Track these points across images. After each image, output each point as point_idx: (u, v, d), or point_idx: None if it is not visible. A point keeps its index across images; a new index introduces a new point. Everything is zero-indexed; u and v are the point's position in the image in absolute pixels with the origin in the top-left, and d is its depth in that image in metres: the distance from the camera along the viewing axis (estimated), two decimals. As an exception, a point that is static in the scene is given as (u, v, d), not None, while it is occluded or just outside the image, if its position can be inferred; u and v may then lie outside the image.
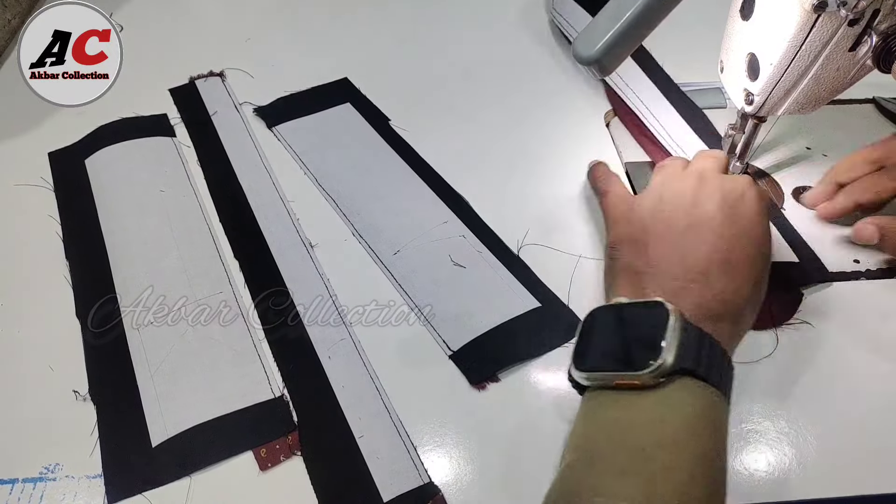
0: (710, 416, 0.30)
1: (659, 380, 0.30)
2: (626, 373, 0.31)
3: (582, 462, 0.30)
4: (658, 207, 0.39)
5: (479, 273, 0.46)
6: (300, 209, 0.52)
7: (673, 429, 0.30)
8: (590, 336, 0.34)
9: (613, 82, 0.59)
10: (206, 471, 0.37)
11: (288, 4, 0.75)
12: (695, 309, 0.34)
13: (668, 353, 0.30)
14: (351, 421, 0.39)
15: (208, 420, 0.39)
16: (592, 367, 0.33)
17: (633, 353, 0.31)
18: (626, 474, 0.28)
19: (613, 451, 0.30)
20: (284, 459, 0.38)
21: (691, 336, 0.31)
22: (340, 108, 0.61)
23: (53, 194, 0.53)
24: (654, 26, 0.40)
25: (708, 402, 0.31)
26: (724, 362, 0.32)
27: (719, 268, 0.35)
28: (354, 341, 0.43)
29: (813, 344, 0.42)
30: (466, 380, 0.41)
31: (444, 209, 0.51)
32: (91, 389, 0.41)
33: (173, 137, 0.58)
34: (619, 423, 0.31)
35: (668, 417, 0.30)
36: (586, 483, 0.29)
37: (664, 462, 0.28)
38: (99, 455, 0.38)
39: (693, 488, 0.28)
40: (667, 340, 0.31)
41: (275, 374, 0.42)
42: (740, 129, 0.49)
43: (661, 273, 0.36)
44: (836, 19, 0.38)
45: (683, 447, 0.29)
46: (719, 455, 0.30)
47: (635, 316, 0.33)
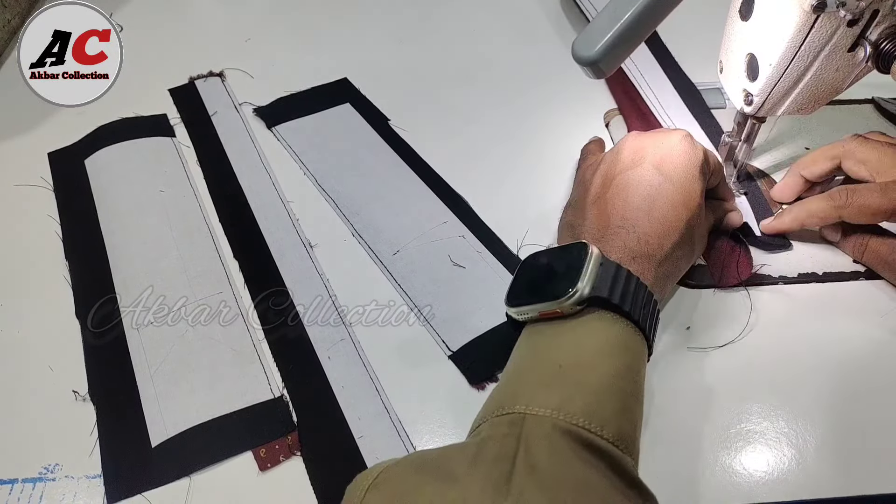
0: (623, 343, 0.34)
1: (577, 308, 0.34)
2: (548, 303, 0.35)
3: (509, 378, 0.35)
4: (597, 171, 0.43)
5: (479, 273, 0.47)
6: (300, 209, 0.52)
7: (587, 351, 0.33)
8: (521, 278, 0.39)
9: (631, 74, 0.60)
10: (206, 471, 0.37)
11: (288, 4, 0.75)
12: (619, 251, 0.37)
13: (585, 284, 0.34)
14: (350, 421, 0.39)
15: (208, 420, 0.39)
16: (521, 302, 0.37)
17: (555, 286, 0.35)
18: (546, 386, 0.32)
19: (536, 367, 0.34)
20: (284, 460, 0.38)
21: (608, 269, 0.35)
22: (340, 108, 0.61)
23: (53, 194, 0.53)
24: (653, 27, 0.40)
25: (620, 331, 0.34)
26: (645, 297, 0.35)
27: (644, 215, 0.38)
28: (354, 341, 0.43)
29: (813, 344, 0.42)
30: (466, 380, 0.41)
31: (444, 209, 0.51)
32: (91, 389, 0.41)
33: (173, 137, 0.58)
34: (542, 345, 0.35)
35: (583, 341, 0.34)
36: (510, 392, 0.33)
37: (577, 379, 0.32)
38: (98, 455, 0.38)
39: (601, 406, 0.31)
40: (584, 272, 0.34)
41: (275, 374, 0.42)
42: (737, 135, 0.49)
43: (590, 224, 0.40)
44: (836, 20, 0.38)
45: (595, 366, 0.32)
46: (631, 377, 0.33)
47: (560, 256, 0.37)
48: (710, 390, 0.40)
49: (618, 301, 0.34)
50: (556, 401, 0.30)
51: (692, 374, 0.40)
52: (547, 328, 0.35)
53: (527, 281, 0.38)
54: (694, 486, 0.36)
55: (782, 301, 0.44)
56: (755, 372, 0.41)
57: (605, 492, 0.28)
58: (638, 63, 0.61)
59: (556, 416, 0.29)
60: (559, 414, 0.30)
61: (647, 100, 0.57)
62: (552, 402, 0.30)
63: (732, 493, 0.35)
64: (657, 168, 0.40)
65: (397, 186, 0.53)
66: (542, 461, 0.28)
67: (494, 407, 0.32)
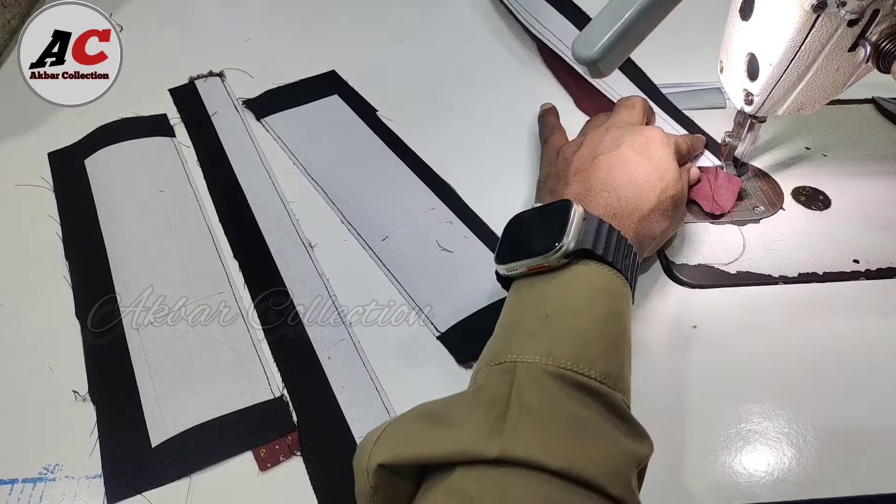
0: (607, 289, 0.35)
1: (563, 261, 0.35)
2: (536, 258, 0.36)
3: (501, 332, 0.36)
4: (578, 151, 0.45)
5: (466, 257, 0.47)
6: (300, 209, 0.52)
7: (574, 298, 0.35)
8: (508, 236, 0.40)
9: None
10: (206, 471, 0.37)
11: (287, 5, 0.75)
12: (601, 209, 0.39)
13: (570, 238, 0.35)
14: (351, 422, 0.39)
15: (208, 420, 0.39)
16: (510, 259, 0.37)
17: (542, 241, 0.36)
18: (534, 336, 0.33)
19: (525, 318, 0.35)
20: (284, 460, 0.38)
21: (591, 223, 0.36)
22: (328, 99, 0.62)
23: (53, 194, 0.53)
24: (653, 26, 0.40)
25: (606, 278, 0.35)
26: (626, 249, 0.37)
27: (625, 182, 0.41)
28: (354, 341, 0.43)
29: (813, 344, 0.42)
30: (454, 359, 0.42)
31: (431, 196, 0.52)
32: (91, 389, 0.41)
33: (173, 137, 0.58)
34: (531, 297, 0.36)
35: (570, 289, 0.35)
36: (502, 345, 0.34)
37: (564, 325, 0.33)
38: (99, 455, 0.38)
39: (586, 348, 0.32)
40: (569, 227, 0.36)
41: (275, 375, 0.42)
42: (737, 135, 0.49)
43: (573, 189, 0.42)
44: (836, 19, 0.38)
45: (581, 312, 0.34)
46: (616, 320, 0.34)
47: (545, 213, 0.39)
48: (710, 390, 0.40)
49: (601, 252, 0.36)
50: (545, 347, 0.32)
51: (693, 375, 0.41)
52: (536, 281, 0.37)
53: (514, 239, 0.39)
54: (695, 486, 0.36)
55: (782, 301, 0.44)
56: (755, 372, 0.41)
57: (597, 426, 0.30)
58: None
59: (545, 362, 0.31)
60: (548, 359, 0.31)
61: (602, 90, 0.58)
62: (541, 349, 0.32)
63: (733, 492, 0.35)
64: (636, 151, 0.43)
65: (385, 175, 0.54)
66: (534, 402, 0.30)
67: (489, 358, 0.34)
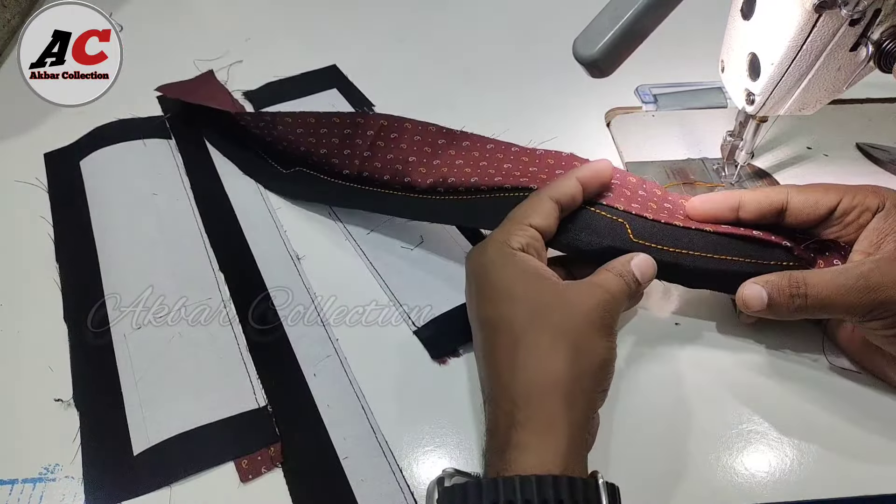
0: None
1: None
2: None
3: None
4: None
5: (446, 252, 0.47)
6: (286, 219, 0.51)
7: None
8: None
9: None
10: (187, 481, 0.36)
11: (287, 4, 0.75)
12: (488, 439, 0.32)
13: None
14: (335, 441, 0.38)
15: (191, 429, 0.38)
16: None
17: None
18: None
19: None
20: (266, 471, 0.37)
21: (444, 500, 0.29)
22: (327, 92, 0.63)
23: (47, 195, 0.53)
24: (655, 25, 0.40)
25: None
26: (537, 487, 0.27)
27: (484, 369, 0.34)
28: (341, 358, 0.42)
29: (813, 345, 0.42)
30: (429, 354, 0.41)
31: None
32: (75, 395, 0.40)
33: (169, 140, 0.57)
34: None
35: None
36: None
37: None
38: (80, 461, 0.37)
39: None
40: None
41: (259, 384, 0.41)
42: (738, 135, 0.49)
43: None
44: (838, 19, 0.38)
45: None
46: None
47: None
48: (710, 391, 0.40)
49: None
50: None
51: (693, 375, 0.40)
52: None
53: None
54: (695, 487, 0.35)
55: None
56: (756, 372, 0.40)
57: None
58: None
59: None
60: None
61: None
62: None
63: (734, 493, 0.35)
64: (477, 297, 0.36)
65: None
66: None
67: None
